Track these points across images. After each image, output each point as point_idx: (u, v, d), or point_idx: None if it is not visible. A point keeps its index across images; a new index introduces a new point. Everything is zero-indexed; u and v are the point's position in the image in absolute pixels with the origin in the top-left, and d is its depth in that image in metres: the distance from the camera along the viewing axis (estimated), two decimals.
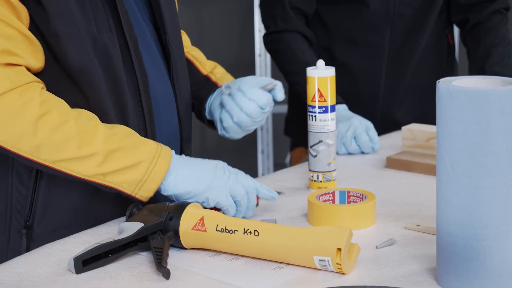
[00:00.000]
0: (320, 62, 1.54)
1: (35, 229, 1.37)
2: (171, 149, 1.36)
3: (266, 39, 2.21)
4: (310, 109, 1.54)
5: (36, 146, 1.25)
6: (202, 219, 1.22)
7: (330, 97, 1.53)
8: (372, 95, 2.20)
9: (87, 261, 1.16)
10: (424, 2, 2.17)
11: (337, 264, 1.13)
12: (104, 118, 1.34)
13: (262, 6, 2.24)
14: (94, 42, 1.33)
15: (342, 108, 1.97)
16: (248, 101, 1.46)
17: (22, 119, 1.24)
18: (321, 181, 1.56)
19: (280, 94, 1.48)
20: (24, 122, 1.24)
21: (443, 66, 2.29)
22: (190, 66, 1.65)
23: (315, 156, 1.55)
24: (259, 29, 3.62)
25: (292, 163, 2.31)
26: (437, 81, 1.06)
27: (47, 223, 1.37)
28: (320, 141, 1.54)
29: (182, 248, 1.24)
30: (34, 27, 1.31)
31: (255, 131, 3.98)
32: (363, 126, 1.86)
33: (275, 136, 3.86)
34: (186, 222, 1.22)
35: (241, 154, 1.68)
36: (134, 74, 1.39)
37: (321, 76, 1.52)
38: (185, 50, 1.67)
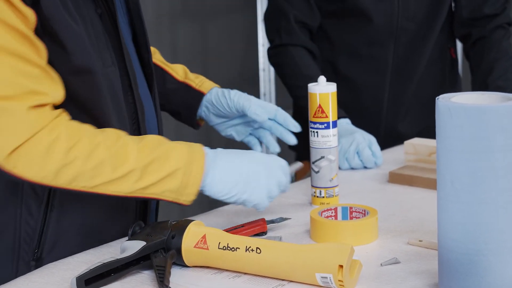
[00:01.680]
0: (322, 78, 1.55)
1: (44, 260, 1.36)
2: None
3: (270, 52, 2.22)
4: (311, 125, 1.55)
5: (73, 177, 1.26)
6: (204, 237, 1.23)
7: (332, 113, 1.53)
8: (376, 108, 2.21)
9: (90, 280, 1.16)
10: (427, 17, 2.17)
11: (339, 281, 1.13)
12: None
13: (266, 19, 2.25)
14: (101, 74, 1.34)
15: (345, 122, 1.97)
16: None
17: (54, 155, 1.25)
18: (323, 197, 1.56)
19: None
20: (57, 158, 1.25)
21: (446, 80, 2.29)
22: (162, 72, 1.67)
23: (317, 172, 1.55)
24: (262, 44, 3.63)
25: (297, 177, 2.30)
26: (436, 98, 1.06)
27: (56, 253, 1.37)
28: (322, 157, 1.54)
29: (185, 266, 1.24)
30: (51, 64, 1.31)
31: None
32: (366, 140, 1.86)
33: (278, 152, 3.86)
34: (188, 240, 1.23)
35: None
36: (133, 105, 1.42)
37: (322, 92, 1.53)
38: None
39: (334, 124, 1.54)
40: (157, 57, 1.70)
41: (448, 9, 2.22)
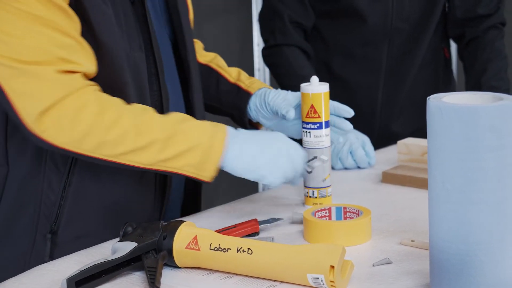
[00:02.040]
0: (314, 78, 1.54)
1: (60, 235, 1.41)
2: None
3: (265, 53, 2.22)
4: (304, 125, 1.54)
5: (97, 145, 1.30)
6: (195, 238, 1.22)
7: (325, 113, 1.53)
8: (370, 108, 2.21)
9: (81, 282, 1.15)
10: (421, 17, 2.17)
11: (331, 281, 1.12)
12: None
13: (261, 20, 2.25)
14: (126, 58, 1.39)
15: None
16: None
17: (81, 122, 1.29)
18: (316, 197, 1.55)
19: None
20: (83, 124, 1.29)
21: (440, 80, 2.29)
22: (217, 75, 1.71)
23: (310, 172, 1.55)
24: (258, 44, 3.63)
25: None
26: (428, 98, 1.06)
27: (71, 230, 1.41)
28: (315, 157, 1.54)
29: (176, 267, 1.24)
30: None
31: None
32: (359, 141, 1.86)
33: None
34: (180, 241, 1.22)
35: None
36: (158, 91, 1.45)
37: (315, 93, 1.52)
38: (207, 59, 1.74)
39: (327, 124, 1.54)
40: (215, 61, 1.75)
41: (442, 9, 2.22)
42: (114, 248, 1.23)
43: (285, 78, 2.15)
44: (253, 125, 1.68)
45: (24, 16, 1.27)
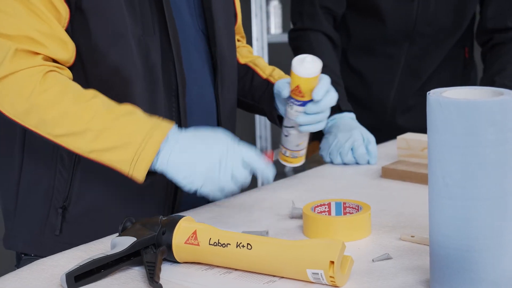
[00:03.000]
0: (307, 58, 1.52)
1: (70, 210, 1.48)
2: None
3: (291, 35, 2.21)
4: (289, 98, 1.57)
5: (38, 121, 1.35)
6: (195, 233, 1.22)
7: (309, 94, 1.54)
8: (382, 102, 2.21)
9: (80, 277, 1.15)
10: (446, 25, 2.16)
11: (330, 277, 1.12)
12: None
13: (292, 2, 2.23)
14: (137, 42, 1.42)
15: (349, 116, 1.97)
16: None
17: (25, 95, 1.34)
18: (288, 156, 1.64)
19: None
20: (27, 99, 1.34)
21: (458, 78, 2.28)
22: (252, 72, 1.74)
23: (286, 136, 1.62)
24: (256, 38, 3.62)
25: (308, 156, 2.28)
26: (428, 93, 1.06)
27: (81, 205, 1.48)
28: (292, 127, 1.59)
29: (175, 262, 1.24)
30: (71, 28, 1.41)
31: (253, 141, 3.98)
32: (364, 139, 1.85)
33: (273, 143, 3.85)
34: (179, 236, 1.22)
35: None
36: (173, 76, 1.48)
37: (302, 76, 1.52)
38: (247, 59, 1.78)
39: (310, 102, 1.56)
40: (253, 60, 1.77)
41: (475, 20, 2.22)
42: (113, 243, 1.23)
43: None
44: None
45: None
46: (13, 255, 1.59)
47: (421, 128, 2.16)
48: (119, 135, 1.34)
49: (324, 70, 1.55)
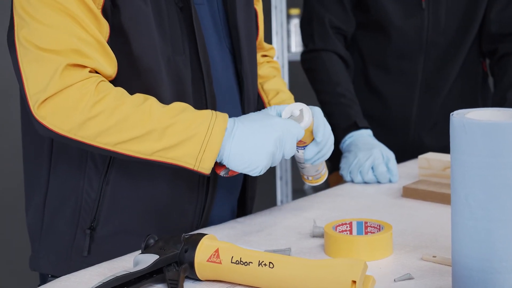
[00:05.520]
0: (297, 111, 1.47)
1: (98, 231, 1.47)
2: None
3: (303, 57, 2.22)
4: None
5: (95, 133, 1.33)
6: (217, 251, 1.22)
7: (309, 137, 1.51)
8: (404, 121, 2.20)
9: None
10: (458, 31, 2.16)
11: None
12: None
13: (302, 24, 2.24)
14: (167, 62, 1.43)
15: (367, 134, 1.97)
16: None
17: (80, 108, 1.32)
18: (311, 180, 1.63)
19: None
20: (83, 111, 1.32)
21: (478, 94, 2.27)
22: (259, 97, 1.74)
23: (302, 168, 1.61)
24: (277, 56, 3.63)
25: (331, 186, 2.29)
26: (451, 114, 1.06)
27: (109, 227, 1.47)
28: (303, 163, 1.58)
29: (197, 280, 1.24)
30: (111, 44, 1.40)
31: None
32: (383, 157, 1.85)
33: (293, 162, 3.85)
34: (201, 254, 1.22)
35: (259, 180, 1.69)
36: (203, 96, 1.48)
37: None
38: (260, 80, 1.76)
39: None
40: (262, 81, 1.76)
41: (480, 24, 2.20)
42: (136, 260, 1.24)
43: (319, 83, 2.14)
44: None
45: (56, 8, 1.33)
46: (36, 275, 1.59)
47: (446, 146, 2.16)
48: (183, 130, 1.35)
49: (339, 89, 1.55)
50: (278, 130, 1.40)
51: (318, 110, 1.51)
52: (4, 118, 3.24)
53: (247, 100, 1.60)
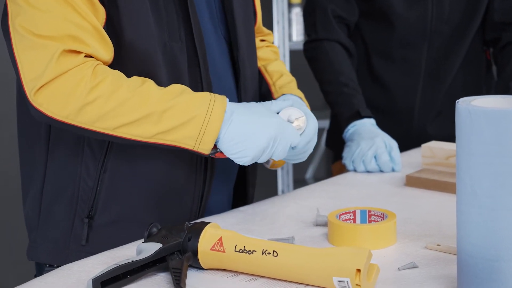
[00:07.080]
0: (292, 119, 1.46)
1: (96, 219, 1.46)
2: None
3: (306, 47, 2.21)
4: None
5: (93, 117, 1.32)
6: (220, 239, 1.22)
7: None
8: (408, 110, 2.19)
9: (106, 282, 1.15)
10: (462, 20, 2.15)
11: (357, 285, 1.12)
12: None
13: (304, 14, 2.23)
14: (163, 48, 1.42)
15: (370, 123, 1.96)
16: None
17: (78, 94, 1.32)
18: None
19: None
20: (80, 96, 1.32)
21: (481, 83, 2.26)
22: (262, 78, 1.72)
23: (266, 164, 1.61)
24: (278, 45, 3.62)
25: (334, 175, 2.28)
26: (456, 101, 1.05)
27: (107, 215, 1.46)
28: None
29: (201, 268, 1.24)
30: (107, 30, 1.39)
31: None
32: (386, 146, 1.84)
33: None
34: (205, 242, 1.22)
35: (260, 170, 1.68)
36: (199, 83, 1.47)
37: None
38: (262, 62, 1.75)
39: None
40: (265, 63, 1.74)
41: (484, 12, 2.19)
42: (139, 249, 1.23)
43: (322, 73, 2.13)
44: None
45: None
46: (32, 265, 1.57)
47: (450, 135, 2.16)
48: (183, 112, 1.35)
49: (342, 78, 1.54)
50: (276, 129, 1.39)
51: (313, 121, 1.49)
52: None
53: (244, 87, 1.59)
